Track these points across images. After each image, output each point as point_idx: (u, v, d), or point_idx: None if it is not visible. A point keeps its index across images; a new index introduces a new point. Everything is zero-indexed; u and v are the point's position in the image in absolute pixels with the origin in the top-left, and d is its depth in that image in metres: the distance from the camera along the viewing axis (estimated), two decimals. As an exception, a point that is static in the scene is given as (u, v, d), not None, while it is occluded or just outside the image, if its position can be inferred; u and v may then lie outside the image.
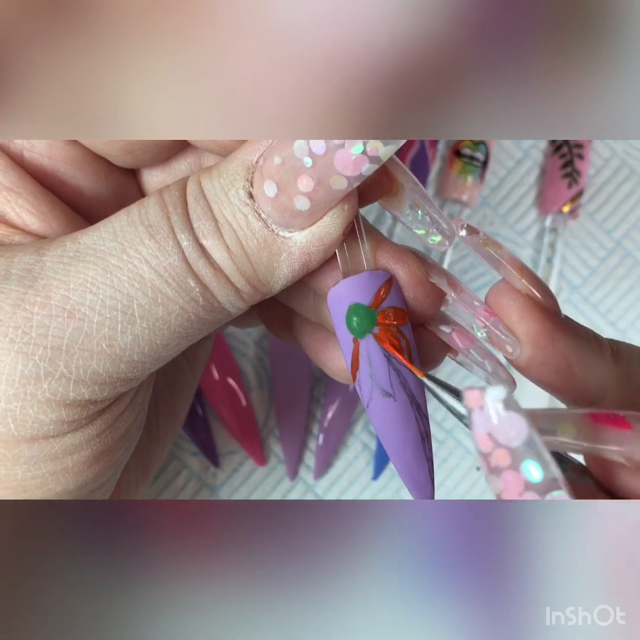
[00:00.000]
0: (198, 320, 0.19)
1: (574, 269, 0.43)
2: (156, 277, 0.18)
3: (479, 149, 0.42)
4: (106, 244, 0.19)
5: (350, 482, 0.40)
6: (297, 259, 0.19)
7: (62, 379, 0.18)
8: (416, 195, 0.21)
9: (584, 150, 0.43)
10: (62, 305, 0.18)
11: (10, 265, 0.19)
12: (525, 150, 0.44)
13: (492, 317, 0.21)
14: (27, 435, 0.18)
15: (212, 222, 0.19)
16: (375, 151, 0.17)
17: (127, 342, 0.19)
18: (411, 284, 0.21)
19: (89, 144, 0.21)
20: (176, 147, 0.23)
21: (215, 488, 0.40)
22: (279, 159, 0.18)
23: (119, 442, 0.21)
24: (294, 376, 0.40)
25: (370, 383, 0.20)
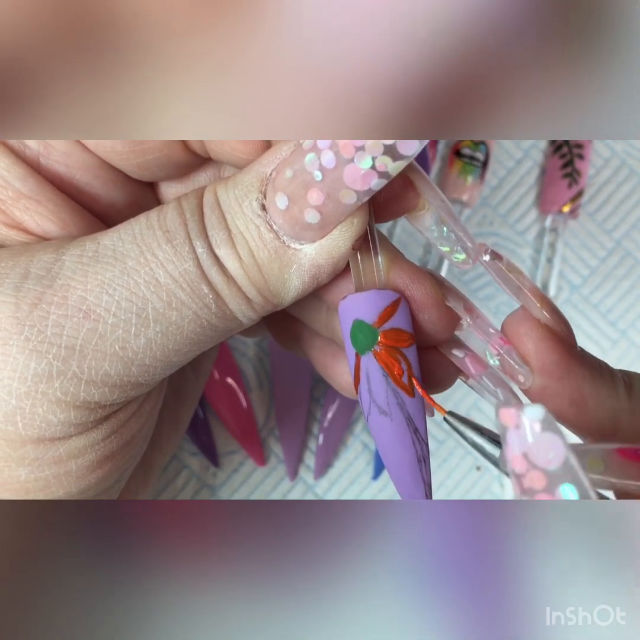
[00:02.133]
0: (210, 327, 0.19)
1: (574, 269, 0.43)
2: (171, 281, 0.19)
3: (479, 149, 0.42)
4: (125, 246, 0.19)
5: (350, 482, 0.40)
6: (307, 271, 0.19)
7: (73, 378, 0.18)
8: (442, 212, 0.20)
9: (584, 150, 0.43)
10: (79, 306, 0.18)
11: (30, 264, 0.19)
12: (525, 150, 0.44)
13: (506, 346, 0.21)
14: (34, 435, 0.18)
15: (226, 232, 0.19)
16: (384, 167, 0.18)
17: (140, 345, 0.19)
18: (426, 305, 0.21)
19: (106, 156, 0.21)
20: (193, 164, 0.23)
21: (215, 488, 0.40)
22: (290, 172, 0.18)
23: (124, 449, 0.21)
24: (294, 376, 0.40)
25: (369, 399, 0.20)
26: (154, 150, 0.21)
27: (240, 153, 0.20)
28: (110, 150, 0.21)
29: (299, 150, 0.18)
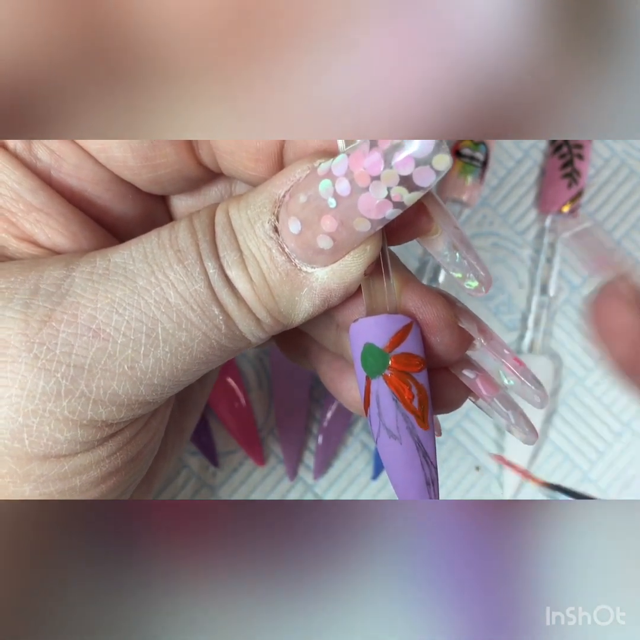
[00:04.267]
0: (219, 348, 0.19)
1: (574, 269, 0.43)
2: (182, 302, 0.19)
3: (479, 149, 0.42)
4: (136, 265, 0.19)
5: (349, 482, 0.40)
6: (318, 295, 0.19)
7: (81, 397, 0.18)
8: (454, 239, 0.20)
9: (584, 150, 0.43)
10: (88, 325, 0.18)
11: (39, 280, 0.19)
12: (525, 150, 0.44)
13: (521, 367, 0.21)
14: (40, 453, 0.18)
15: (237, 253, 0.19)
16: (399, 197, 0.18)
17: (149, 365, 0.19)
18: (438, 328, 0.20)
19: (117, 170, 0.21)
20: (204, 178, 0.23)
21: (214, 488, 0.40)
22: (304, 198, 0.18)
23: (129, 465, 0.21)
24: (294, 376, 0.40)
25: (378, 422, 0.20)
26: (166, 165, 0.21)
27: (251, 170, 0.20)
28: (122, 165, 0.21)
29: (313, 176, 0.18)
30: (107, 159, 0.21)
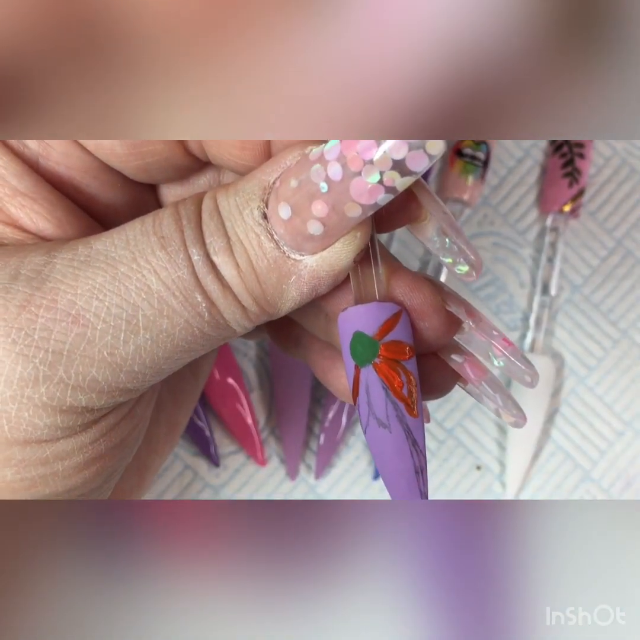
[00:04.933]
0: (202, 336, 0.19)
1: (575, 268, 0.43)
2: (164, 288, 0.18)
3: (480, 148, 0.42)
4: (117, 251, 0.19)
5: (351, 482, 0.40)
6: (306, 283, 0.19)
7: (60, 383, 0.18)
8: (444, 223, 0.20)
9: (585, 149, 0.43)
10: (68, 310, 0.18)
11: (20, 265, 0.19)
12: (525, 149, 0.44)
13: (510, 347, 0.21)
14: (20, 438, 0.18)
15: (224, 239, 0.19)
16: (391, 181, 0.17)
17: (129, 351, 0.19)
18: (427, 313, 0.20)
19: (105, 158, 0.21)
20: (193, 167, 0.23)
21: (217, 488, 0.40)
22: (295, 182, 0.18)
23: (113, 451, 0.21)
24: (295, 376, 0.40)
25: (368, 411, 0.20)
26: (153, 153, 0.21)
27: (238, 159, 0.20)
28: (110, 153, 0.21)
29: (304, 161, 0.18)
30: (95, 146, 0.21)
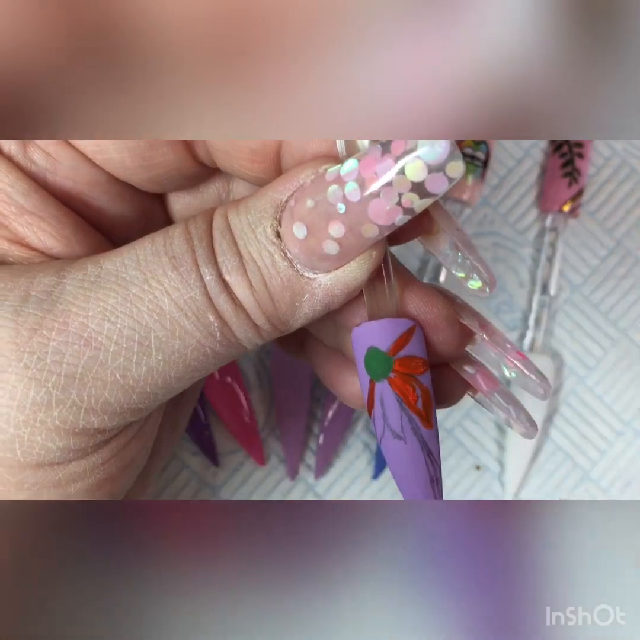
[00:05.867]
0: (213, 355, 0.19)
1: (575, 268, 0.43)
2: (176, 309, 0.18)
3: (480, 148, 0.42)
4: (128, 272, 0.19)
5: (351, 481, 0.40)
6: (319, 300, 0.19)
7: (73, 407, 0.18)
8: (457, 240, 0.20)
9: (584, 149, 0.43)
10: (80, 333, 0.18)
11: (30, 286, 0.19)
12: (525, 149, 0.44)
13: (524, 360, 0.21)
14: (33, 461, 0.18)
15: (237, 258, 0.19)
16: (410, 203, 0.17)
17: (141, 373, 0.18)
18: (440, 327, 0.20)
19: (114, 171, 0.21)
20: (202, 175, 0.22)
21: (215, 488, 0.40)
22: (311, 203, 0.18)
23: (123, 471, 0.21)
24: (295, 375, 0.40)
25: (383, 423, 0.20)
26: (163, 164, 0.21)
27: (247, 170, 0.20)
28: (119, 166, 0.21)
29: (321, 180, 0.18)
30: (104, 160, 0.21)
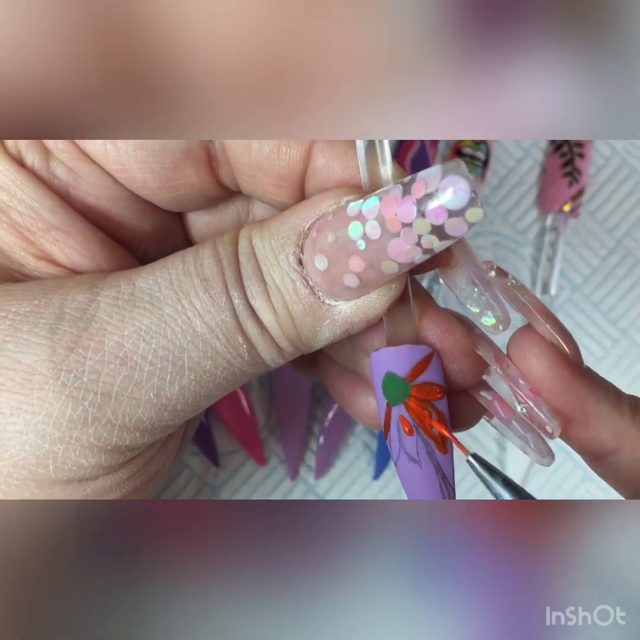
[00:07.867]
0: (241, 374, 0.20)
1: (575, 268, 0.43)
2: (208, 331, 0.19)
3: (480, 148, 0.42)
4: (162, 291, 0.19)
5: (351, 482, 0.40)
6: (339, 326, 0.20)
7: (107, 425, 0.18)
8: (474, 276, 0.20)
9: (585, 149, 0.43)
10: (115, 352, 0.18)
11: (64, 304, 0.19)
12: (525, 149, 0.44)
13: (536, 397, 0.21)
14: (64, 477, 0.19)
15: (261, 284, 0.19)
16: (429, 244, 0.18)
17: (174, 392, 0.19)
18: (456, 356, 0.21)
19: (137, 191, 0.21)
20: (223, 197, 0.23)
21: (216, 488, 0.40)
22: (332, 237, 0.18)
23: (147, 485, 0.21)
24: (295, 376, 0.40)
25: (398, 446, 0.20)
26: (186, 186, 0.21)
27: (272, 195, 0.21)
28: (142, 186, 0.21)
29: (342, 215, 0.18)
30: (127, 179, 0.21)
